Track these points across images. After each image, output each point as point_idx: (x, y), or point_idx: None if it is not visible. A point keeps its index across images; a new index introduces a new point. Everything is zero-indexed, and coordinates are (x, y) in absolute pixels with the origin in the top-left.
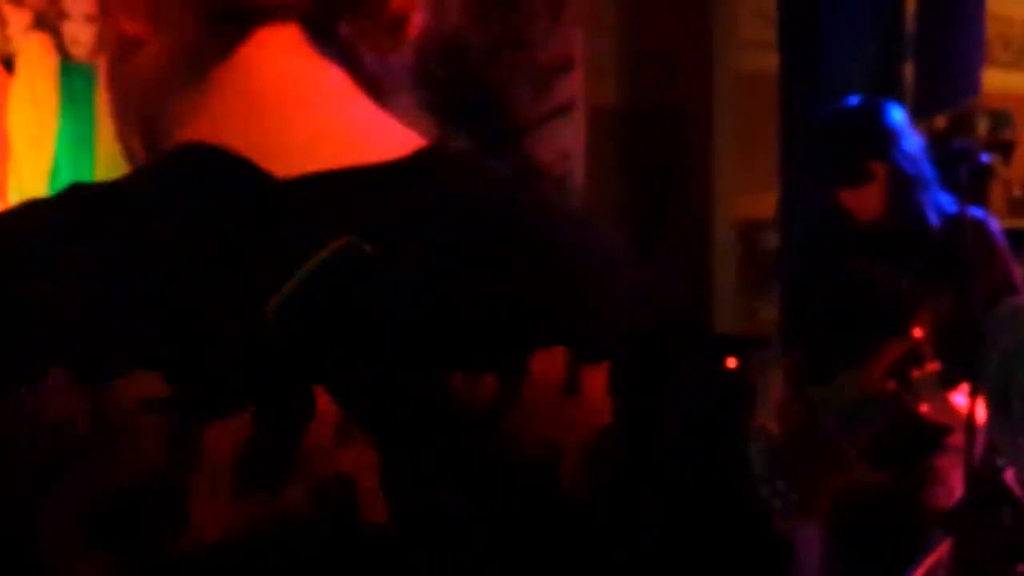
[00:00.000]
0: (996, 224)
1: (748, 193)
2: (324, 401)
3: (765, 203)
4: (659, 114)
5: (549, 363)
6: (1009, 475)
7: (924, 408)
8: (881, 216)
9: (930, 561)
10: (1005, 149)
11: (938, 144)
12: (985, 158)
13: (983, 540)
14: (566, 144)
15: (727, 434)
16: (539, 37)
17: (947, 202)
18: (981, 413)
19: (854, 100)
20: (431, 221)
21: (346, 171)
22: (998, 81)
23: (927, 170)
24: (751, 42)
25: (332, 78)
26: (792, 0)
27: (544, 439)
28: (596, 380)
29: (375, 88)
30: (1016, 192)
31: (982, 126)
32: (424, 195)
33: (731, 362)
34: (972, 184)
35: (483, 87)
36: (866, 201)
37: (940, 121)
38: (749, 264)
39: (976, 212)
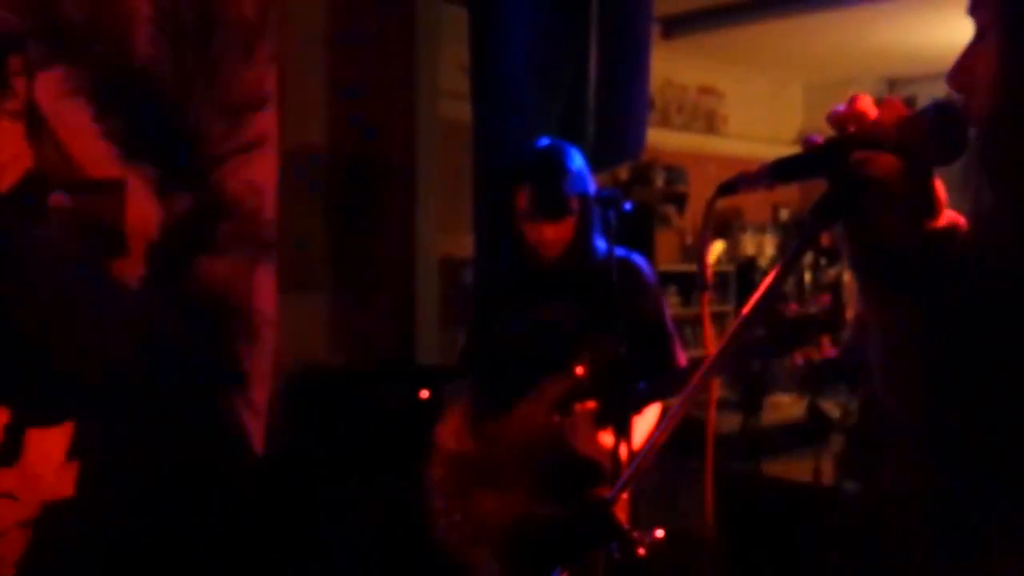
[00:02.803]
0: (647, 265)
1: (449, 232)
2: None
3: (464, 242)
4: (365, 155)
5: None
6: (619, 510)
7: (580, 443)
8: (562, 253)
9: None
10: (679, 201)
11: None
12: (628, 206)
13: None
14: (257, 180)
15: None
16: (232, 73)
17: (604, 245)
18: (624, 451)
19: (545, 141)
20: None
21: None
22: (673, 141)
23: (596, 213)
24: (453, 92)
25: None
26: (483, 56)
27: None
28: (48, 444)
29: None
30: (689, 240)
31: (659, 179)
32: None
33: (424, 393)
34: (619, 228)
35: (172, 119)
36: (560, 235)
37: (622, 173)
38: (450, 299)
39: (621, 252)
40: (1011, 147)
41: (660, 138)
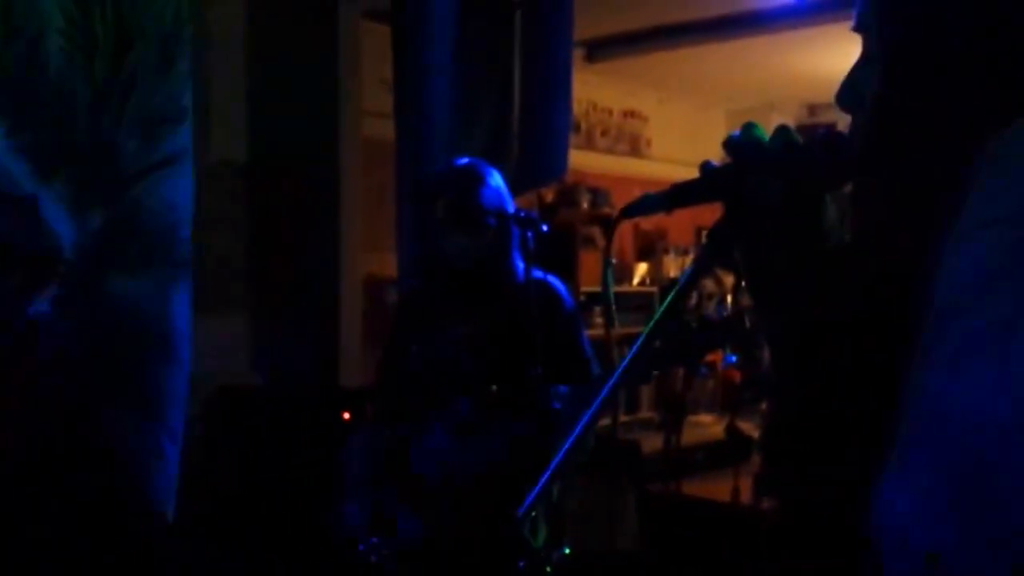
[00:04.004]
0: (564, 287)
1: (373, 251)
2: None
3: (388, 261)
4: (288, 172)
5: None
6: (524, 526)
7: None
8: (479, 270)
9: None
10: (604, 222)
11: (544, 214)
12: (545, 227)
13: None
14: (174, 196)
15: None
16: (148, 88)
17: (522, 265)
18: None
19: (464, 160)
20: None
21: None
22: (598, 163)
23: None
24: (376, 111)
25: None
26: (406, 74)
27: None
28: None
29: None
30: (614, 260)
31: (584, 201)
32: None
33: (346, 415)
34: (537, 249)
35: (85, 135)
36: (474, 248)
37: (548, 195)
38: (374, 319)
39: (538, 274)
40: (880, 173)
41: (585, 160)
